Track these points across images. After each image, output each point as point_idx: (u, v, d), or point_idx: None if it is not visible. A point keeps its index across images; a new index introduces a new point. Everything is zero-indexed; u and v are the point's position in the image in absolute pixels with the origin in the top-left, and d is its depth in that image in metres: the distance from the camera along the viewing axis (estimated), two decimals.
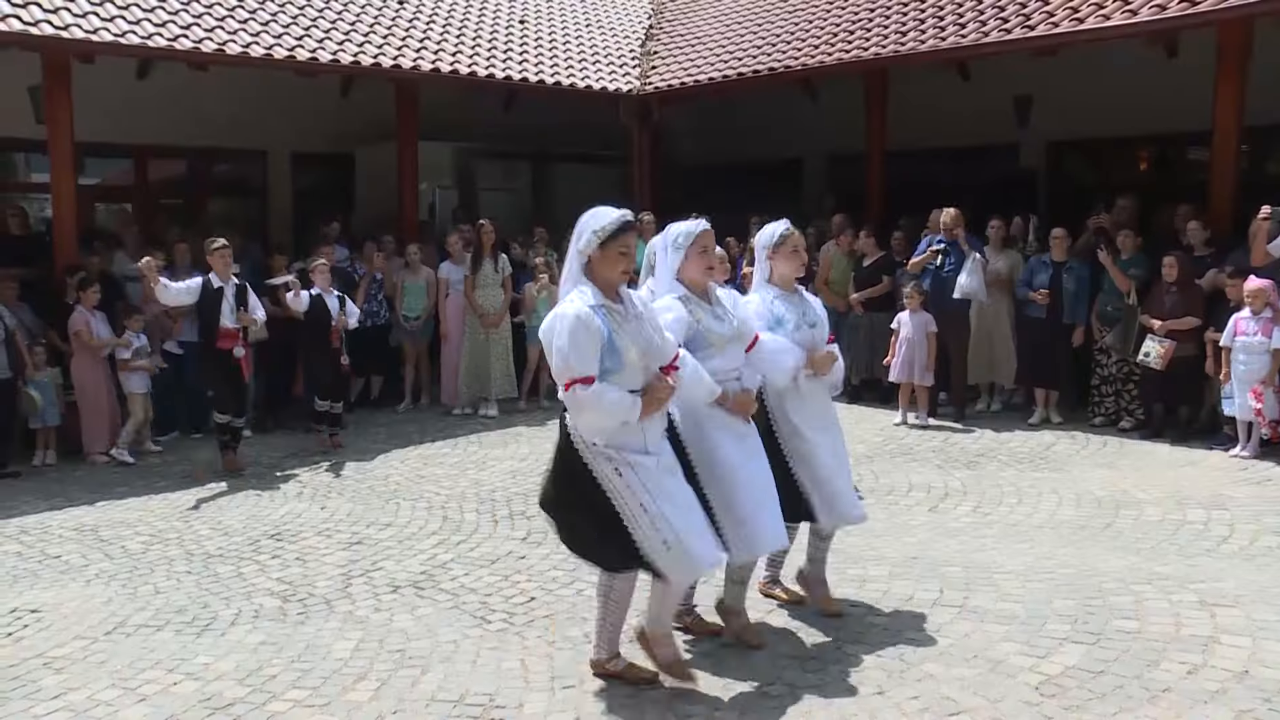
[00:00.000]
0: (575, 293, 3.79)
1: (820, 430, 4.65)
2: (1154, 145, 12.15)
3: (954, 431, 8.96)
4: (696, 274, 4.24)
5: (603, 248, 3.79)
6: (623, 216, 3.84)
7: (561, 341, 3.68)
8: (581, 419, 3.75)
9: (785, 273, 4.70)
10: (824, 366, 4.64)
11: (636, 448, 3.80)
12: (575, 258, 3.85)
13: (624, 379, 3.74)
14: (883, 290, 10.11)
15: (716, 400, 4.14)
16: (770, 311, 4.60)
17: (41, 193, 11.55)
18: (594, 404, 3.66)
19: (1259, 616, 4.63)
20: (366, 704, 4.05)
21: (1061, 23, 9.29)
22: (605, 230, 3.79)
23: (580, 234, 3.84)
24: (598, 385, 3.66)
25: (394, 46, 11.39)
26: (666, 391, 3.85)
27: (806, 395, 4.62)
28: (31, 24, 8.62)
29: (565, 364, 3.67)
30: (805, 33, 12.29)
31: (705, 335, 4.16)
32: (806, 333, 4.63)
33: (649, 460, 3.81)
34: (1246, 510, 6.39)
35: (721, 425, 4.20)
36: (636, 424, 3.76)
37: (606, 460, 3.78)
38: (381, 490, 7.38)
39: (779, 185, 14.24)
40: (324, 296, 8.65)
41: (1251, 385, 7.63)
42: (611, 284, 3.84)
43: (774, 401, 4.60)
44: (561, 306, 3.79)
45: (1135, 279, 8.69)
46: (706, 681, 4.15)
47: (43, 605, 5.23)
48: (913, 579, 5.26)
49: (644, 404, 3.75)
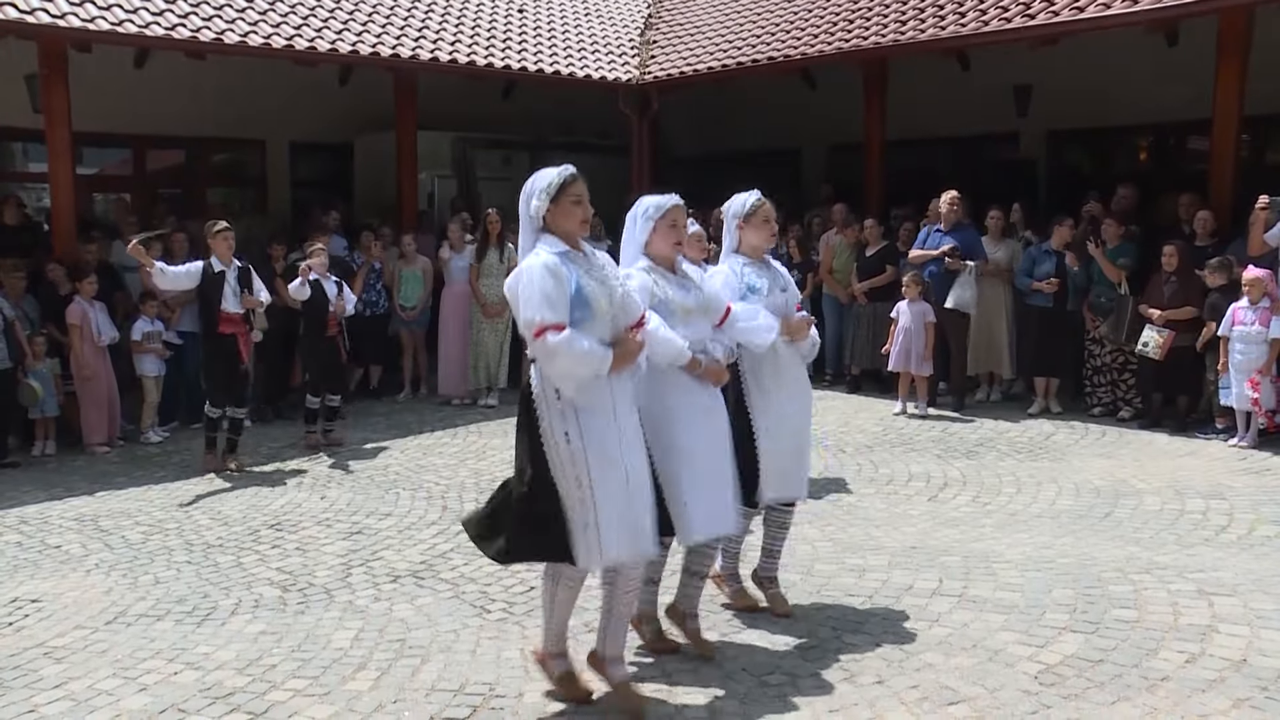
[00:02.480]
0: (539, 246, 3.72)
1: (793, 399, 4.62)
2: (1154, 134, 12.14)
3: (953, 421, 8.97)
4: (664, 247, 4.20)
5: (554, 201, 3.72)
6: (566, 169, 3.78)
7: (530, 290, 3.59)
8: (553, 368, 3.61)
9: (755, 243, 4.66)
10: (799, 332, 4.62)
11: (603, 409, 3.68)
12: (529, 222, 3.77)
13: (595, 328, 3.66)
14: (886, 280, 10.08)
15: (688, 366, 4.06)
16: (741, 280, 4.55)
17: (39, 182, 11.54)
18: (566, 350, 3.54)
19: (1257, 606, 4.64)
20: (366, 693, 4.05)
21: (1062, 11, 9.27)
22: (552, 185, 3.72)
23: (528, 198, 3.76)
24: (569, 332, 3.56)
25: (392, 35, 11.36)
26: (636, 346, 3.76)
27: (783, 363, 4.59)
28: (28, 12, 8.59)
29: (535, 311, 3.56)
30: (804, 22, 12.26)
31: (668, 304, 4.09)
32: (779, 297, 4.61)
33: (609, 430, 3.67)
34: (1245, 500, 6.40)
35: (686, 395, 4.09)
36: (606, 381, 3.66)
37: (561, 419, 3.65)
38: (381, 480, 7.38)
39: (778, 175, 14.23)
40: (322, 282, 8.54)
41: (1249, 375, 7.63)
42: (571, 235, 3.77)
43: (749, 372, 4.54)
44: (526, 260, 3.70)
45: (1124, 268, 8.69)
46: (706, 671, 4.16)
47: (43, 595, 5.23)
48: (912, 568, 5.27)
49: (615, 357, 3.65)
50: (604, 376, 3.65)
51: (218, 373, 7.92)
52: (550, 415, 3.68)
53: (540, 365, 3.68)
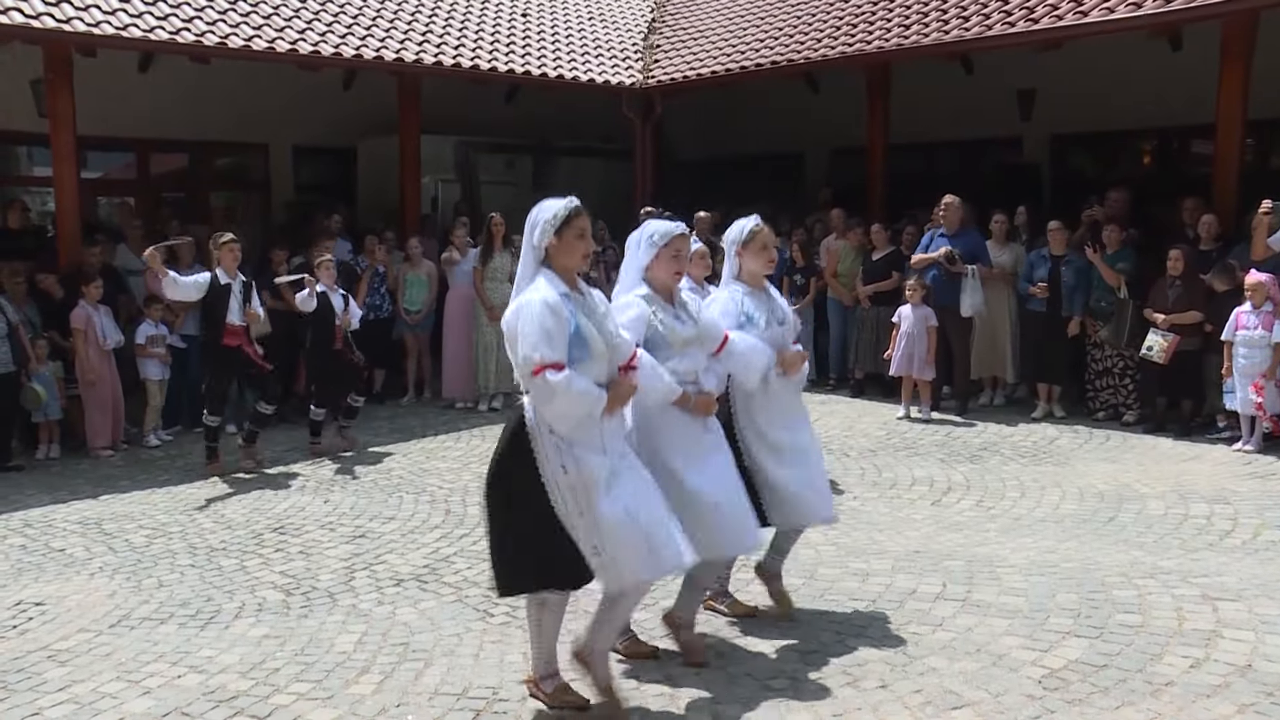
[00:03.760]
0: (539, 280, 3.72)
1: (786, 429, 4.59)
2: (1158, 139, 12.13)
3: (957, 425, 8.96)
4: (665, 275, 4.21)
5: (559, 235, 3.72)
6: (571, 201, 3.78)
7: (530, 327, 3.60)
8: (549, 408, 3.63)
9: (754, 269, 4.66)
10: (794, 366, 4.61)
11: (593, 446, 3.70)
12: (531, 252, 3.77)
13: (591, 369, 3.68)
14: (892, 285, 10.07)
15: (677, 401, 4.09)
16: (739, 309, 4.56)
17: (43, 186, 11.56)
18: (564, 391, 3.56)
19: (1261, 611, 4.63)
20: (370, 697, 4.06)
21: (1065, 15, 9.27)
22: (558, 217, 3.72)
23: (533, 227, 3.76)
24: (568, 372, 3.58)
25: (396, 40, 11.38)
26: (629, 389, 3.79)
27: (774, 394, 4.58)
28: (33, 17, 8.62)
29: (534, 349, 3.58)
30: (808, 26, 12.27)
31: (665, 335, 4.11)
32: (776, 330, 4.60)
33: (600, 461, 3.69)
34: (1250, 504, 6.39)
35: (677, 429, 4.12)
36: (597, 421, 3.68)
37: (557, 453, 3.67)
38: (384, 484, 7.39)
39: (781, 179, 14.24)
40: (329, 295, 8.52)
41: (1253, 379, 7.63)
42: (571, 271, 3.79)
43: (740, 403, 4.55)
44: (526, 295, 3.70)
45: (1123, 272, 8.69)
46: (709, 675, 4.16)
47: (47, 598, 5.24)
48: (915, 573, 5.27)
49: (609, 399, 3.69)
50: (595, 418, 3.67)
51: (220, 383, 7.99)
52: (546, 449, 3.69)
53: (536, 403, 3.69)
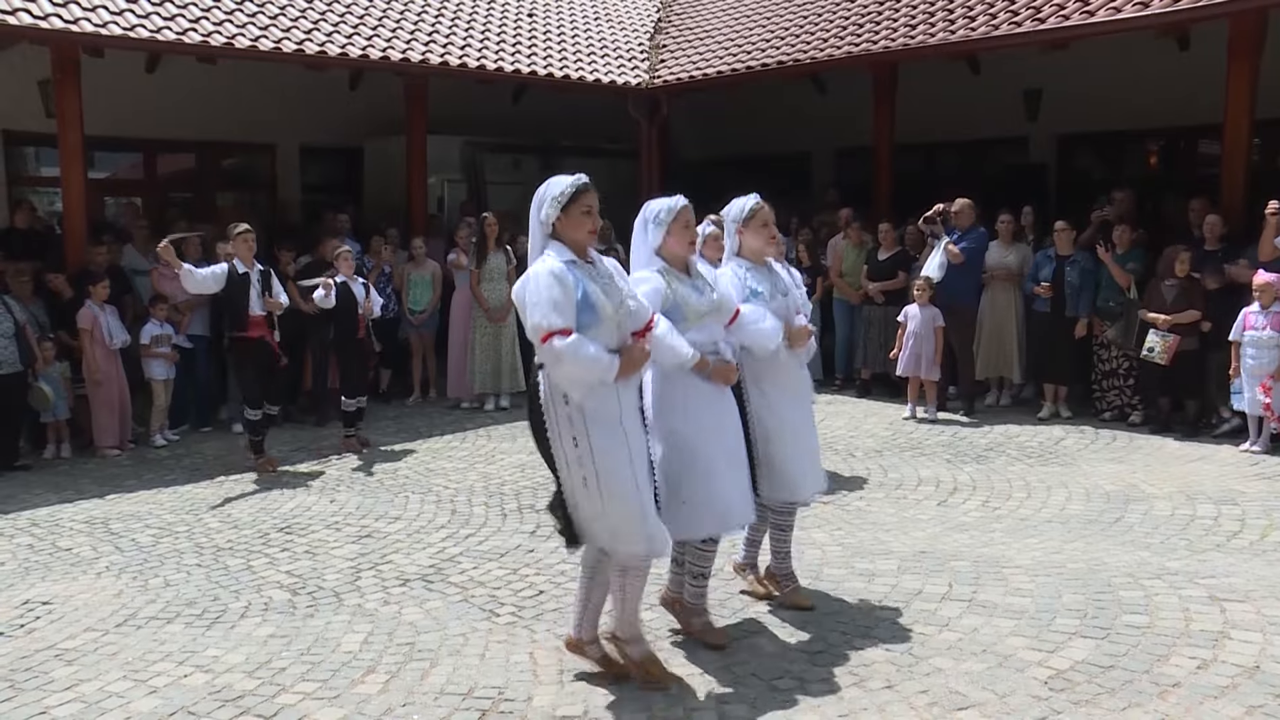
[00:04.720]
0: (546, 253, 3.81)
1: (792, 404, 4.66)
2: (1165, 139, 12.10)
3: (963, 426, 8.94)
4: (679, 248, 4.26)
5: (565, 210, 3.81)
6: (580, 178, 3.86)
7: (538, 296, 3.67)
8: (560, 371, 3.71)
9: (755, 246, 4.70)
10: (800, 340, 4.67)
11: (609, 416, 3.76)
12: (539, 228, 3.86)
13: (600, 334, 3.73)
14: (898, 285, 10.06)
15: (696, 367, 4.12)
16: (744, 284, 4.60)
17: (51, 186, 11.58)
18: (572, 355, 3.62)
19: (1269, 612, 4.62)
20: (375, 697, 4.06)
21: (1072, 15, 9.24)
22: (565, 194, 3.81)
23: (540, 204, 3.84)
24: (576, 337, 3.64)
25: (403, 40, 11.39)
26: (642, 354, 3.83)
27: (782, 366, 4.62)
28: (41, 18, 8.63)
29: (543, 317, 3.65)
30: (814, 26, 12.26)
31: (682, 307, 4.15)
32: (781, 302, 4.66)
33: (615, 436, 3.75)
34: (1257, 505, 6.37)
35: (694, 397, 4.16)
36: (612, 388, 3.74)
37: (569, 424, 3.75)
38: (390, 484, 7.39)
39: (787, 179, 14.22)
40: (349, 284, 8.51)
41: (1261, 379, 7.60)
42: (580, 245, 3.85)
43: (749, 375, 4.58)
44: (534, 266, 3.79)
45: (1133, 273, 8.68)
46: (715, 674, 4.15)
47: (54, 597, 5.25)
48: (921, 573, 5.26)
49: (621, 365, 3.72)
50: (609, 383, 3.72)
51: (250, 375, 7.95)
52: (558, 420, 3.78)
53: (548, 370, 3.76)
